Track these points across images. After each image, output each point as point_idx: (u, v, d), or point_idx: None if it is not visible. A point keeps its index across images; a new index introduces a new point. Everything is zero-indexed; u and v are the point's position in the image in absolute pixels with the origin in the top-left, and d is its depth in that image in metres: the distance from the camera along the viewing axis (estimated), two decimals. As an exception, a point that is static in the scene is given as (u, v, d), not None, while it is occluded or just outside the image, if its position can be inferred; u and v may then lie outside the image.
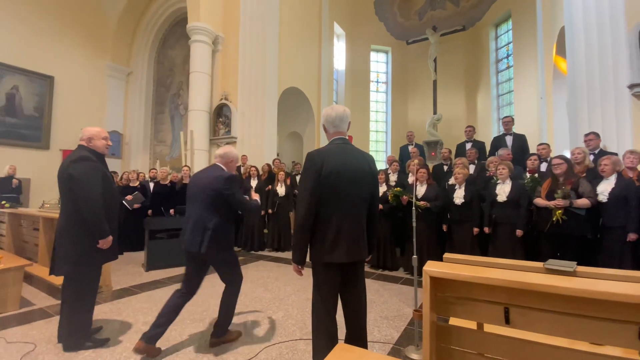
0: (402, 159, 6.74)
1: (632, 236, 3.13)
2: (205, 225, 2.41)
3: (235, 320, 3.06)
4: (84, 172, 2.41)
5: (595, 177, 3.60)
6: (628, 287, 1.14)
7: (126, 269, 4.90)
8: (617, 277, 1.25)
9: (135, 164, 10.88)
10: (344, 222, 1.91)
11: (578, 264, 1.33)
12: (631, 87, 4.54)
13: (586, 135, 4.32)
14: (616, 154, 3.91)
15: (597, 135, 4.26)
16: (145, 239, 4.95)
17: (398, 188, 4.75)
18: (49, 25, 9.40)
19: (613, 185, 3.32)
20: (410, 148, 6.74)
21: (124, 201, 5.68)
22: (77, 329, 2.48)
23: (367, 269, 5.06)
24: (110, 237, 2.51)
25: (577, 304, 1.20)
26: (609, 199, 3.29)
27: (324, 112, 2.07)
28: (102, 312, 3.20)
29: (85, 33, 10.28)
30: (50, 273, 2.49)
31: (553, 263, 1.30)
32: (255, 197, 2.89)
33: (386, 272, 4.87)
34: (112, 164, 9.71)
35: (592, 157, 4.09)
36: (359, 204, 1.99)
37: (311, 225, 1.90)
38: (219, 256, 2.53)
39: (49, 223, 4.36)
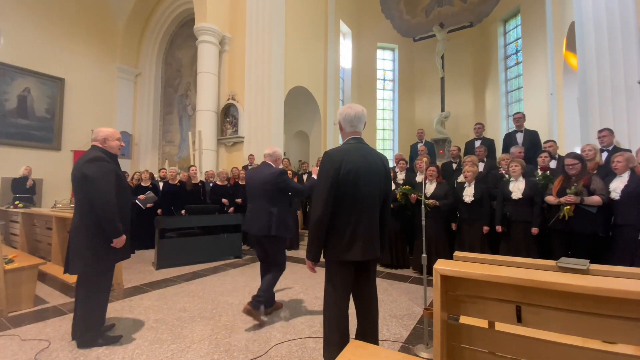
0: (413, 157, 6.70)
1: (645, 234, 3.07)
2: (271, 212, 2.95)
3: (246, 317, 3.09)
4: (98, 172, 2.46)
5: (607, 173, 3.54)
6: (643, 285, 1.12)
7: (137, 267, 4.98)
8: (631, 274, 1.23)
9: (144, 164, 11.02)
10: (361, 220, 1.93)
11: (590, 262, 1.32)
12: (644, 82, 4.46)
13: (600, 131, 4.24)
14: (630, 151, 3.84)
15: (610, 131, 4.18)
16: (155, 238, 5.01)
17: (407, 186, 4.73)
18: (59, 28, 9.57)
19: (626, 183, 3.26)
20: (419, 146, 6.70)
21: (137, 201, 5.76)
22: (91, 326, 2.53)
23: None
24: (124, 236, 2.56)
25: (590, 302, 1.19)
26: (622, 196, 3.23)
27: (342, 110, 2.06)
28: (114, 309, 3.26)
29: (95, 35, 10.44)
30: (65, 271, 2.54)
31: (566, 261, 1.29)
32: None
33: (395, 271, 4.86)
34: (122, 164, 9.79)
35: (606, 154, 4.02)
36: (375, 203, 2.01)
37: (328, 223, 1.90)
38: (280, 238, 3.04)
39: (62, 222, 4.44)
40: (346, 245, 1.90)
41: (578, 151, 4.24)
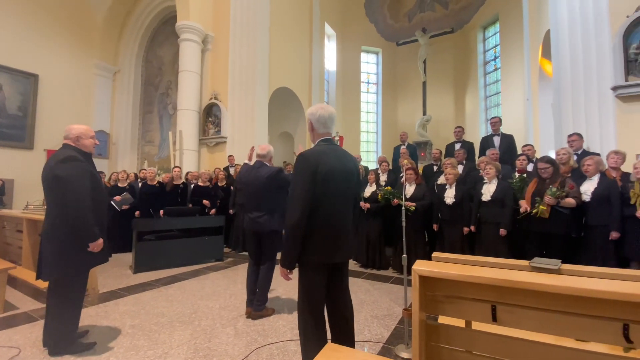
0: (396, 158, 6.80)
1: (614, 235, 3.21)
2: (273, 209, 3.11)
3: (226, 321, 3.04)
4: (72, 172, 2.34)
5: (580, 176, 3.68)
6: (612, 285, 1.16)
7: (113, 271, 4.81)
8: (601, 274, 1.28)
9: (122, 164, 10.70)
10: (338, 222, 1.91)
11: (563, 262, 1.36)
12: (614, 89, 4.66)
13: (570, 135, 4.42)
14: (599, 154, 4.01)
15: (580, 136, 4.36)
16: (133, 241, 4.86)
17: (389, 187, 4.78)
18: (33, 22, 9.17)
19: (596, 185, 3.40)
20: (401, 148, 6.80)
21: (112, 202, 5.58)
22: (63, 333, 2.42)
23: (357, 268, 5.08)
24: (101, 240, 2.45)
25: (562, 302, 1.22)
26: (592, 198, 3.37)
27: (314, 110, 2.01)
28: (88, 315, 3.13)
29: (71, 30, 10.06)
30: (37, 278, 2.42)
31: (538, 261, 1.33)
32: None
33: (376, 272, 4.90)
34: (99, 164, 9.51)
35: (575, 158, 4.18)
36: (349, 205, 2.00)
37: (305, 227, 1.84)
38: (278, 234, 3.13)
39: (33, 225, 4.25)
40: (326, 248, 1.87)
41: (553, 154, 4.40)
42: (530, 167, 4.60)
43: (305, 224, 1.83)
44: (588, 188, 3.43)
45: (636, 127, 4.55)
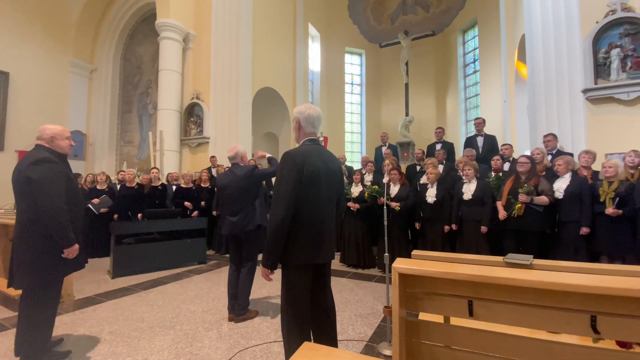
0: (377, 159, 6.87)
1: (584, 230, 3.37)
2: (249, 209, 3.14)
3: (209, 325, 3.00)
4: (46, 175, 2.24)
5: (553, 175, 3.84)
6: (580, 278, 1.22)
7: (90, 276, 4.65)
8: (570, 268, 1.34)
9: (100, 165, 10.37)
10: (322, 222, 1.91)
11: (538, 258, 1.41)
12: (585, 91, 4.88)
13: (545, 136, 4.60)
14: (572, 154, 4.20)
15: (555, 136, 4.54)
16: (111, 245, 4.72)
17: (376, 186, 4.83)
18: (4, 17, 8.76)
19: (568, 183, 3.55)
20: (383, 149, 6.88)
21: (90, 205, 5.40)
22: (36, 342, 2.31)
23: (342, 268, 5.10)
24: (77, 246, 2.34)
25: (534, 295, 1.27)
26: (565, 195, 3.52)
27: (304, 110, 2.00)
28: (63, 323, 3.02)
29: (44, 26, 9.66)
30: (9, 286, 2.31)
31: (512, 257, 1.38)
32: None
33: (361, 271, 4.94)
34: (75, 166, 9.19)
35: (550, 157, 4.35)
36: (333, 205, 2.01)
37: (288, 227, 1.82)
38: (257, 234, 3.17)
39: (4, 230, 4.07)
40: (309, 249, 1.86)
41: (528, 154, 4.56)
42: (506, 167, 4.75)
43: (289, 223, 1.81)
44: (561, 186, 3.58)
45: (605, 128, 4.78)
